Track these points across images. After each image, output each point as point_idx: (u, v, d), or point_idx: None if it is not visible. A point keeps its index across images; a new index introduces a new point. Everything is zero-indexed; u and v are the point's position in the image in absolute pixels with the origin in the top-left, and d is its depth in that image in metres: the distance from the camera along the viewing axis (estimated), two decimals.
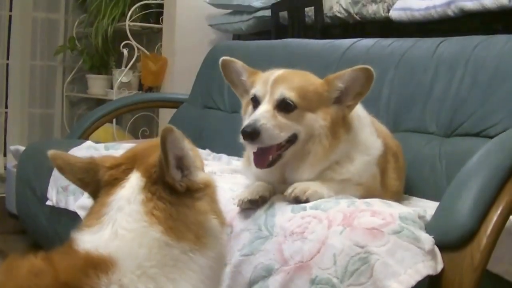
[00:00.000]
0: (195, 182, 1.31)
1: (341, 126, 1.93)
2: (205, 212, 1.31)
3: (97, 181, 1.30)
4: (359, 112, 2.03)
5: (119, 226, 1.22)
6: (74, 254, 1.19)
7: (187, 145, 1.29)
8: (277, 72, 1.99)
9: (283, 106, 1.89)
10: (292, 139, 1.91)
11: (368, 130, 2.02)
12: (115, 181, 1.29)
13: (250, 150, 2.00)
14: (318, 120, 1.90)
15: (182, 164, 1.29)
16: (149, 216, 1.24)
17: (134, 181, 1.28)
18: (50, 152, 1.30)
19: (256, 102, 1.95)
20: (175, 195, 1.28)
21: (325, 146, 1.90)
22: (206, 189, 1.34)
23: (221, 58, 2.14)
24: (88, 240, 1.21)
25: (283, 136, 1.89)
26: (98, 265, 1.16)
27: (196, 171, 1.32)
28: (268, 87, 1.93)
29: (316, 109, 1.91)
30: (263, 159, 1.90)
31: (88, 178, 1.30)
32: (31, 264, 1.18)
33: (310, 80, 1.96)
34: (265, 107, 1.90)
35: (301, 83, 1.93)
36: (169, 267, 1.21)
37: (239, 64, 2.11)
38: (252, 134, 1.83)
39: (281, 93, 1.90)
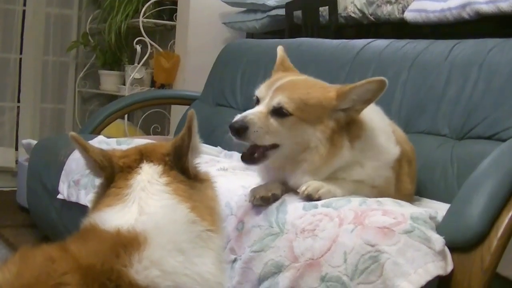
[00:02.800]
0: (201, 172, 1.40)
1: (344, 134, 1.90)
2: (214, 199, 1.40)
3: (112, 166, 1.34)
4: (376, 123, 2.00)
5: (145, 204, 1.27)
6: (97, 236, 1.21)
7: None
8: (285, 79, 1.97)
9: (279, 113, 1.87)
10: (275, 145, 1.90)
11: (384, 138, 1.99)
12: (129, 169, 1.34)
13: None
14: (316, 133, 1.87)
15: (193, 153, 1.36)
16: (176, 195, 1.29)
17: (149, 168, 1.34)
18: (72, 134, 1.33)
19: (257, 102, 1.95)
20: (190, 180, 1.35)
21: (322, 154, 1.87)
22: (210, 181, 1.43)
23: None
24: (112, 219, 1.24)
25: (269, 138, 1.87)
26: (129, 242, 1.19)
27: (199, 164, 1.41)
28: (270, 92, 1.92)
29: (315, 121, 1.88)
30: (250, 156, 1.91)
31: (105, 162, 1.34)
32: (46, 252, 1.19)
33: (313, 93, 1.90)
34: (260, 108, 1.89)
35: (303, 95, 1.89)
36: (195, 243, 1.27)
37: (279, 59, 2.13)
38: (239, 129, 1.84)
39: (279, 101, 1.87)
